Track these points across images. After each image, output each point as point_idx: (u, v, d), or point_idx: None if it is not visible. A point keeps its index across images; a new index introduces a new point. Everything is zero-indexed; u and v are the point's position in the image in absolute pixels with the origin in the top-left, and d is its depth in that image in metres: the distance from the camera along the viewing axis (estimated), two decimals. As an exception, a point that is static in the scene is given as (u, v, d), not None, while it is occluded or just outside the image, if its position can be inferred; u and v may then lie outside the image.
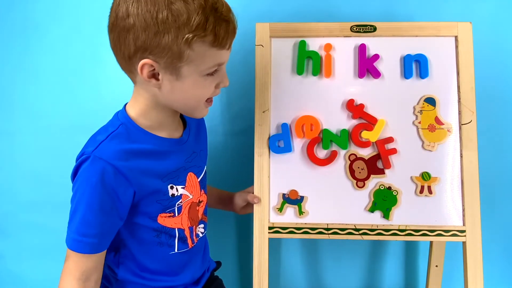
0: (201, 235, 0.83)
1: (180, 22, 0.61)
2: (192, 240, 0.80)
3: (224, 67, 0.71)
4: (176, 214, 0.76)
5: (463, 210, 0.85)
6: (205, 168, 0.85)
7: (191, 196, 0.78)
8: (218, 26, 0.63)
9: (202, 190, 0.83)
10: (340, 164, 0.87)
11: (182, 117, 0.81)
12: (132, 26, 0.62)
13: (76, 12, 1.09)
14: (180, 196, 0.75)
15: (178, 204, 0.75)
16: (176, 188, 0.75)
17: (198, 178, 0.81)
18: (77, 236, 0.67)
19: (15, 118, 1.14)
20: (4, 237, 1.18)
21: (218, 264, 0.95)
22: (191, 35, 0.61)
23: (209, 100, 0.73)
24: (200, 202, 0.81)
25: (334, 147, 0.88)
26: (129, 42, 0.63)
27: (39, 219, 1.16)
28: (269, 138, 0.88)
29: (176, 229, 0.77)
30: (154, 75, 0.66)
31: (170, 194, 0.74)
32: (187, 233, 0.78)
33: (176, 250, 0.78)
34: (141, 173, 0.69)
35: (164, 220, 0.74)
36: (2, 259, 1.19)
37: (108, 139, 0.69)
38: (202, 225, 0.83)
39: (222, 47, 0.66)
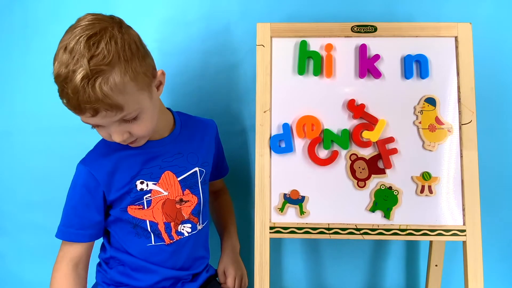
0: (186, 234, 0.86)
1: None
2: (170, 236, 0.84)
3: (108, 128, 0.72)
4: (146, 207, 0.82)
5: (463, 209, 0.85)
6: (196, 169, 0.87)
7: (165, 193, 0.83)
8: (66, 98, 0.68)
9: (187, 190, 0.86)
10: (341, 164, 0.88)
11: (175, 120, 0.88)
12: None
13: (76, 12, 1.08)
14: (149, 191, 0.82)
15: (146, 198, 0.82)
16: (147, 184, 0.81)
17: (178, 178, 0.84)
18: (61, 226, 0.80)
19: (15, 118, 1.14)
20: (4, 237, 1.18)
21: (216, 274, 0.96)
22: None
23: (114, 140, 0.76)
24: (182, 201, 0.85)
25: (335, 147, 0.88)
26: None
27: (39, 219, 1.16)
28: (270, 138, 0.88)
29: (148, 221, 0.83)
30: None
31: (138, 188, 0.81)
32: (161, 227, 0.83)
33: (153, 243, 0.84)
34: (110, 173, 0.79)
35: (134, 211, 0.82)
36: (2, 259, 1.19)
37: (94, 148, 0.83)
38: (188, 225, 0.86)
39: (78, 113, 0.69)
